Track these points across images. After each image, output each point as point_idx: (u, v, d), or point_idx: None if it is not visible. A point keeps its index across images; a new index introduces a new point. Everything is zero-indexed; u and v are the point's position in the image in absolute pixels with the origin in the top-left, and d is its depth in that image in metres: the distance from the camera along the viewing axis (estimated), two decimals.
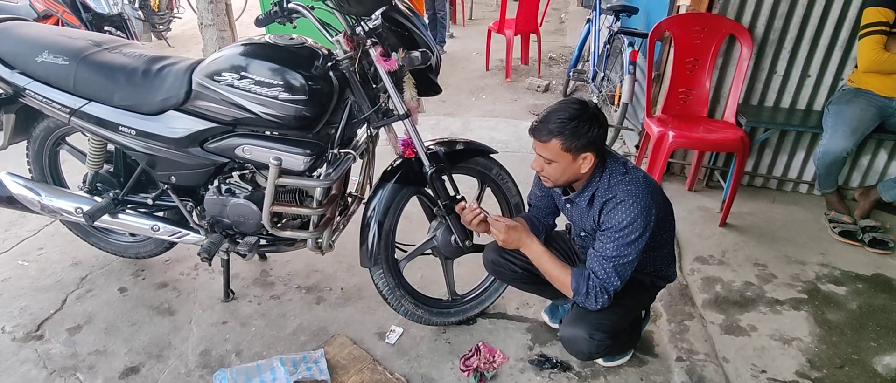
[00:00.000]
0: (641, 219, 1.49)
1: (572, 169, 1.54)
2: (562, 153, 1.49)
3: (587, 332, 1.63)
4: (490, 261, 1.91)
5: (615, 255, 1.52)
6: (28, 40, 1.87)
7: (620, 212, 1.51)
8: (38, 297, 2.21)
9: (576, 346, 1.70)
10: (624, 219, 1.50)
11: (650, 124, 2.74)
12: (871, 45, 2.40)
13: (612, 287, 1.54)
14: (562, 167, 1.53)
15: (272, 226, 1.79)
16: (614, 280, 1.54)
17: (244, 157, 1.75)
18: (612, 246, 1.52)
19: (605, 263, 1.54)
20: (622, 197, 1.51)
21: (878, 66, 2.42)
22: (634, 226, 1.50)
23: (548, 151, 1.51)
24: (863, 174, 2.93)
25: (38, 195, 2.06)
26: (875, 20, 2.38)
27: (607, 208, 1.54)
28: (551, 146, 1.50)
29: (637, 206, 1.50)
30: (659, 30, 2.77)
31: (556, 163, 1.53)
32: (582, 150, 1.49)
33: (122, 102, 1.79)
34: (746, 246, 2.57)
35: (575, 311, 1.71)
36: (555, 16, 7.80)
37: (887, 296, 2.25)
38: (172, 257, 2.43)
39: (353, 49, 1.61)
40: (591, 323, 1.64)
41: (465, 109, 4.40)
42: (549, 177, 1.58)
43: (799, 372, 1.88)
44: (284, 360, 1.84)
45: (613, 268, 1.53)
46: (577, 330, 1.66)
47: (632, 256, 1.52)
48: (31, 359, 1.91)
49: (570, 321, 1.70)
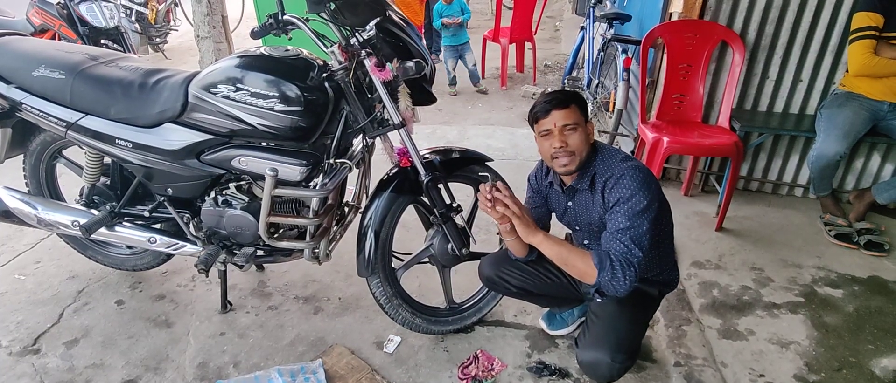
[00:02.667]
0: (645, 188, 1.49)
1: (585, 136, 1.57)
2: (581, 117, 1.56)
3: (609, 356, 1.58)
4: (486, 277, 1.91)
5: (629, 226, 1.49)
6: (25, 55, 1.88)
7: (623, 185, 1.51)
8: (35, 311, 2.20)
9: (599, 371, 1.63)
10: (628, 190, 1.50)
11: (645, 130, 2.75)
12: (860, 49, 2.43)
13: (635, 258, 1.48)
14: (583, 133, 1.56)
15: (269, 237, 1.80)
16: (635, 250, 1.47)
17: (240, 169, 1.76)
18: (623, 218, 1.49)
19: (621, 236, 1.49)
20: (621, 171, 1.53)
21: (869, 69, 2.45)
22: (641, 195, 1.49)
23: (572, 116, 1.54)
24: (857, 177, 2.94)
25: (35, 209, 2.06)
26: (864, 25, 2.41)
27: (609, 185, 1.54)
28: (572, 110, 1.54)
29: (639, 177, 1.51)
30: (652, 37, 2.80)
31: (579, 129, 1.55)
32: (587, 118, 1.58)
33: (119, 115, 1.80)
34: (743, 250, 2.58)
35: (592, 333, 1.66)
36: (549, 24, 7.85)
37: (884, 299, 2.26)
38: (169, 269, 2.43)
39: (348, 60, 1.63)
40: (611, 345, 1.60)
41: (461, 117, 4.42)
42: (575, 149, 1.55)
43: (797, 375, 1.88)
44: (282, 371, 1.84)
45: (630, 239, 1.48)
46: (598, 353, 1.60)
47: (645, 225, 1.48)
48: (28, 374, 1.90)
49: (589, 345, 1.64)
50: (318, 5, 1.56)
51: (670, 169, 3.21)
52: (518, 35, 5.08)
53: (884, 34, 2.41)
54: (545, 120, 1.56)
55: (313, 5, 1.56)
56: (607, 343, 1.61)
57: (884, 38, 2.42)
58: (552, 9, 8.34)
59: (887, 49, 2.41)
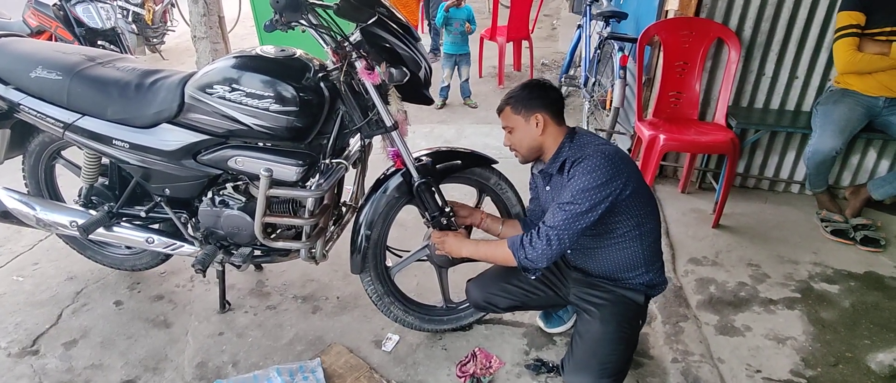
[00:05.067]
0: (603, 170, 1.49)
1: (529, 132, 1.65)
2: (513, 116, 1.66)
3: (595, 379, 1.56)
4: (474, 302, 1.94)
5: (569, 201, 1.50)
6: (22, 56, 1.88)
7: (583, 166, 1.52)
8: (34, 312, 2.21)
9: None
10: (585, 170, 1.50)
11: (641, 128, 2.76)
12: (844, 47, 2.47)
13: (554, 234, 1.51)
14: (520, 132, 1.66)
15: (265, 237, 1.80)
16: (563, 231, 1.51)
17: (237, 169, 1.76)
18: (569, 193, 1.52)
19: (557, 210, 1.53)
20: (589, 152, 1.54)
21: (853, 66, 2.49)
22: (595, 176, 1.49)
23: (505, 120, 1.69)
24: (853, 173, 2.95)
25: (34, 209, 2.06)
26: (847, 23, 2.46)
27: (575, 166, 1.55)
28: (505, 114, 1.68)
29: (599, 160, 1.50)
30: (648, 34, 2.80)
31: (515, 130, 1.67)
32: (531, 112, 1.63)
33: (116, 116, 1.80)
34: (740, 246, 2.59)
35: (576, 356, 1.63)
36: (546, 22, 7.85)
37: (880, 294, 2.27)
38: (168, 269, 2.44)
39: (340, 62, 1.63)
40: (594, 371, 1.56)
41: (458, 116, 4.42)
42: (515, 147, 1.71)
43: (794, 371, 1.89)
44: (281, 370, 1.84)
45: (564, 217, 1.50)
46: (583, 377, 1.58)
47: (585, 206, 1.48)
48: (26, 375, 1.91)
49: (573, 369, 1.61)
50: (296, 13, 1.53)
51: (667, 166, 3.22)
52: (515, 33, 5.08)
53: (867, 31, 2.45)
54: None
55: (291, 13, 1.53)
56: (590, 368, 1.57)
57: (867, 34, 2.46)
58: (549, 7, 8.35)
59: (871, 45, 2.45)
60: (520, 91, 1.67)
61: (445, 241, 1.79)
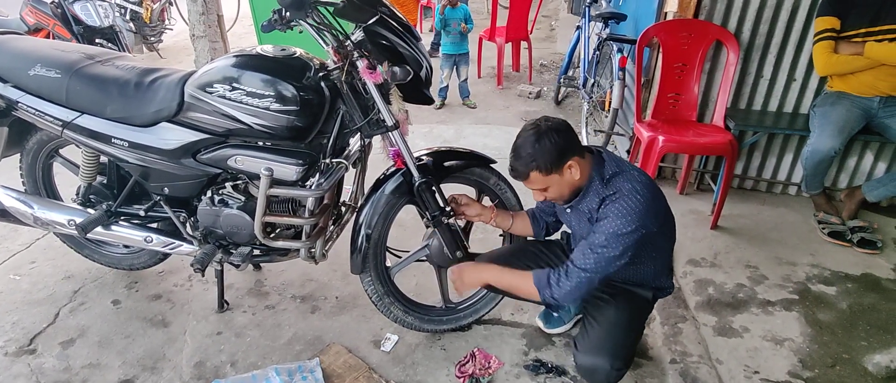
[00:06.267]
0: (638, 213, 1.47)
1: (566, 181, 1.54)
2: (545, 178, 1.52)
3: (609, 362, 1.60)
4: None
5: (603, 245, 1.48)
6: (20, 54, 1.88)
7: (619, 205, 1.49)
8: (31, 311, 2.20)
9: (597, 377, 1.65)
10: (620, 210, 1.48)
11: (640, 129, 2.77)
12: (820, 50, 2.53)
13: (585, 279, 1.50)
14: (556, 187, 1.56)
15: (265, 237, 1.80)
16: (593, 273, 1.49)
17: (236, 168, 1.76)
18: (602, 236, 1.49)
19: (588, 252, 1.51)
20: (625, 191, 1.50)
21: (830, 67, 2.54)
22: (630, 218, 1.47)
23: (535, 184, 1.55)
24: (850, 175, 2.97)
25: (32, 208, 2.05)
26: (823, 28, 2.51)
27: (606, 203, 1.52)
28: (534, 178, 1.53)
29: (635, 201, 1.48)
30: (647, 36, 2.81)
31: (550, 188, 1.55)
32: (561, 163, 1.50)
33: (115, 114, 1.79)
34: (738, 248, 2.60)
35: (591, 337, 1.67)
36: (545, 23, 7.86)
37: (877, 295, 2.28)
38: (166, 269, 2.43)
39: (341, 61, 1.63)
40: (610, 352, 1.61)
41: (457, 117, 4.42)
42: (555, 199, 1.62)
43: (791, 372, 1.90)
44: (280, 370, 1.84)
45: (596, 259, 1.49)
46: (597, 359, 1.62)
47: (619, 250, 1.47)
48: (23, 374, 1.90)
49: (588, 350, 1.65)
50: (300, 11, 1.54)
51: (666, 167, 3.23)
52: (514, 34, 5.08)
53: (843, 34, 2.50)
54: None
55: (295, 11, 1.54)
56: (606, 349, 1.62)
57: (843, 37, 2.50)
58: (548, 8, 8.36)
59: (846, 46, 2.50)
60: (532, 147, 1.49)
61: (463, 275, 1.72)
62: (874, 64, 2.45)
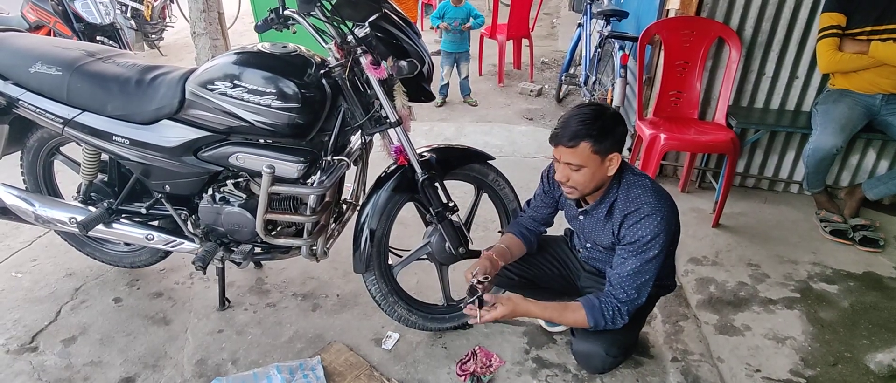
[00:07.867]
0: (664, 233, 1.49)
1: (600, 173, 1.47)
2: (591, 156, 1.42)
3: (604, 349, 1.64)
4: None
5: (637, 271, 1.51)
6: (21, 51, 1.87)
7: (644, 227, 1.47)
8: (32, 309, 2.20)
9: (592, 363, 1.70)
10: (648, 234, 1.47)
11: (642, 127, 2.76)
12: (825, 47, 2.51)
13: (634, 307, 1.55)
14: (591, 172, 1.45)
15: (266, 234, 1.80)
16: (638, 299, 1.54)
17: (238, 166, 1.76)
18: (634, 262, 1.50)
19: (627, 283, 1.52)
20: (647, 210, 1.47)
21: (834, 65, 2.53)
22: (657, 241, 1.48)
23: (576, 157, 1.43)
24: (852, 174, 2.96)
25: (33, 206, 2.05)
26: (828, 24, 2.50)
27: (630, 221, 1.50)
28: (580, 150, 1.41)
29: (662, 221, 1.48)
30: (649, 33, 2.80)
31: (585, 169, 1.44)
32: (610, 151, 1.44)
33: (116, 112, 1.79)
34: (739, 246, 2.59)
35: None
36: (546, 20, 7.84)
37: (878, 294, 2.28)
38: (167, 266, 2.43)
39: (344, 57, 1.62)
40: (606, 340, 1.64)
41: (458, 114, 4.42)
42: (577, 186, 1.49)
43: (793, 370, 1.90)
44: (281, 368, 1.84)
45: (636, 287, 1.52)
46: (593, 346, 1.66)
47: (652, 272, 1.52)
48: (25, 372, 1.90)
49: (586, 337, 1.69)
50: (310, 4, 1.55)
51: (667, 165, 3.22)
52: (515, 32, 5.07)
53: (848, 31, 2.49)
54: (554, 149, 1.48)
55: (304, 4, 1.55)
56: (603, 337, 1.65)
57: (848, 34, 2.49)
58: (549, 5, 8.34)
59: (851, 44, 2.48)
60: (595, 121, 1.40)
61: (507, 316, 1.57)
62: (878, 63, 2.45)
